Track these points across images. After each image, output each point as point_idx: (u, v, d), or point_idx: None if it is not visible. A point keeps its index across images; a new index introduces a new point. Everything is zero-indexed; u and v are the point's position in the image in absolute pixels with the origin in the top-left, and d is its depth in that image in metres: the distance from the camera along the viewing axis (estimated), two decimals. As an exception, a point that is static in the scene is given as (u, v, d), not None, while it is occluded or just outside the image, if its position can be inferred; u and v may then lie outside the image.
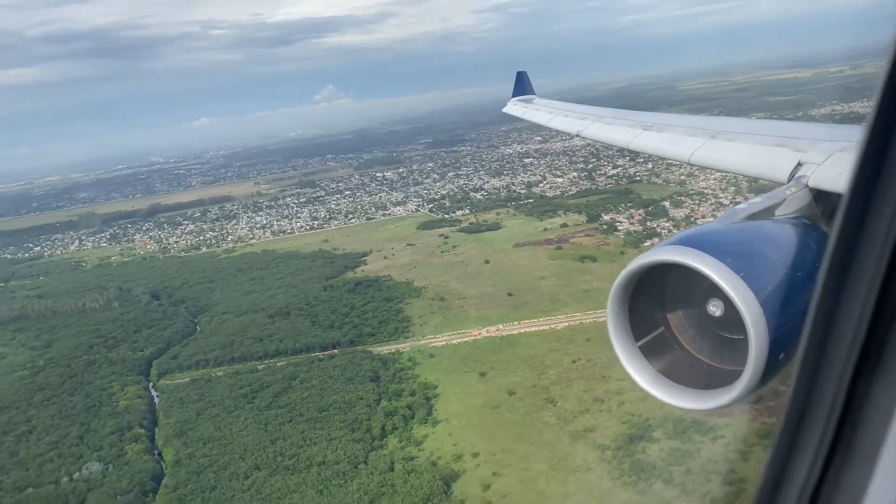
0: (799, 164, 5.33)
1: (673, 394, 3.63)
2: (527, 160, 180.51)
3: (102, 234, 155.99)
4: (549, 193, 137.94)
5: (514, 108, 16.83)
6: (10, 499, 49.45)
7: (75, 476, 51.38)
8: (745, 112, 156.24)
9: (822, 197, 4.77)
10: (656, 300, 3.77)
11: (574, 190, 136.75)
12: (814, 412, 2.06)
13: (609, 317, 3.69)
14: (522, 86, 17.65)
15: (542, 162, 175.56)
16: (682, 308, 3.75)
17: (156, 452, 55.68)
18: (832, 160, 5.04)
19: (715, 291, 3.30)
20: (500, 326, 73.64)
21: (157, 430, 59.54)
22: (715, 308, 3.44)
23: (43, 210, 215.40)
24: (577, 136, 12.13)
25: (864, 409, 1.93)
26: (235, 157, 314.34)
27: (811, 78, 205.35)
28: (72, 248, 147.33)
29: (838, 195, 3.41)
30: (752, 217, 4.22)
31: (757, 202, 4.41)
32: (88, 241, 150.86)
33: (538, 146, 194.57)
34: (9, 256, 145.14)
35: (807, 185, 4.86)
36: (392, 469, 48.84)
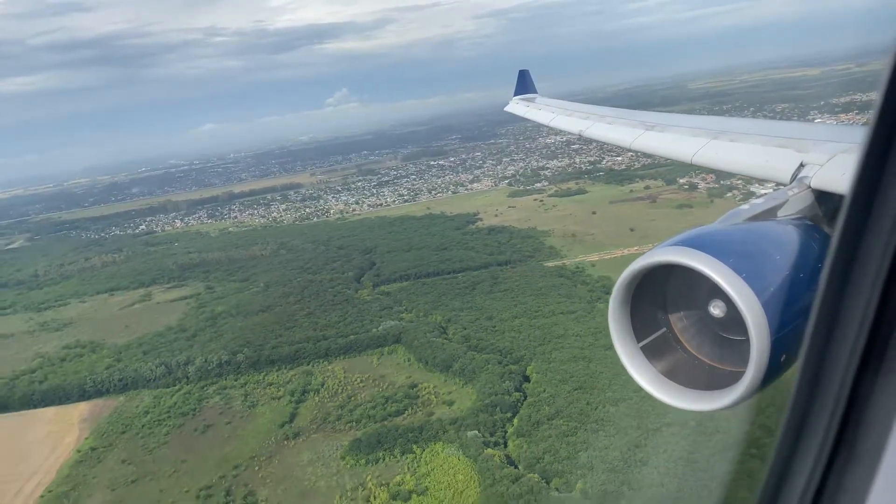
0: (801, 165, 5.56)
1: (674, 395, 3.81)
2: (573, 146, 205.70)
3: (197, 216, 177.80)
4: (617, 168, 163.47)
5: (517, 107, 17.55)
6: (343, 341, 72.11)
7: (380, 328, 74.37)
8: (765, 105, 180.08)
9: (824, 198, 4.97)
10: (658, 301, 3.97)
11: (638, 164, 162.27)
12: (816, 414, 2.15)
13: (611, 317, 3.89)
14: (524, 84, 18.55)
15: (590, 147, 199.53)
16: (684, 309, 3.94)
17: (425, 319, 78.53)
18: (835, 161, 5.25)
19: (717, 292, 3.48)
20: (639, 247, 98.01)
21: (408, 312, 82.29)
22: (717, 309, 3.61)
23: (103, 203, 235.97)
24: (580, 135, 12.69)
25: (867, 411, 2.01)
26: (263, 157, 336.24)
27: (820, 75, 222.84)
28: (177, 224, 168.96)
29: (841, 196, 3.61)
30: (755, 218, 4.44)
31: (759, 203, 4.62)
32: (191, 219, 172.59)
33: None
34: (119, 233, 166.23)
35: (809, 186, 5.07)
36: (617, 312, 72.61)
